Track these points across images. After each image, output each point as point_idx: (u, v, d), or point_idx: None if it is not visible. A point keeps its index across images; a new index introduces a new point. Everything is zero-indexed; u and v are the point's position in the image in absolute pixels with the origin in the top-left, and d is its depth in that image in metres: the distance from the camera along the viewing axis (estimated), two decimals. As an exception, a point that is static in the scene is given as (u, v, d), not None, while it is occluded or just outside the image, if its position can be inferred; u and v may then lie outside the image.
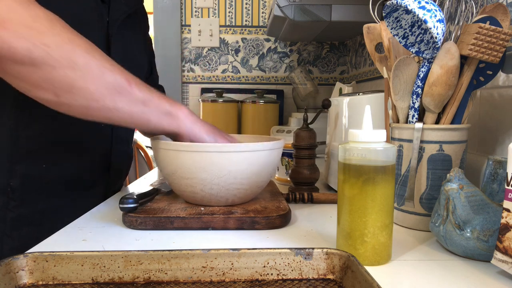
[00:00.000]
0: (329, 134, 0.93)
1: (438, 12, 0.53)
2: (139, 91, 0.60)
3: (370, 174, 0.47)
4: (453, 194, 0.50)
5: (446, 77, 0.57)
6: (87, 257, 0.42)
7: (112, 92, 0.58)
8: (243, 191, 0.64)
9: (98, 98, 0.57)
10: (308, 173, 0.84)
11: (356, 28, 1.27)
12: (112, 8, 0.79)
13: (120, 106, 0.59)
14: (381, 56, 0.70)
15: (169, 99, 0.64)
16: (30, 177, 0.70)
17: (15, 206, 0.69)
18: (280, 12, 1.09)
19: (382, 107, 0.72)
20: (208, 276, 0.43)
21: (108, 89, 0.58)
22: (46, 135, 0.71)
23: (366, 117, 0.49)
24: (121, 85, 0.58)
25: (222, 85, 1.70)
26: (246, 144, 0.63)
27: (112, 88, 0.58)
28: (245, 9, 1.69)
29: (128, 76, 0.60)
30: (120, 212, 0.64)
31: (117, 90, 0.58)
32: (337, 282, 0.42)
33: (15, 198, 0.69)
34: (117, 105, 0.59)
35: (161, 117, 0.62)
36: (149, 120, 0.62)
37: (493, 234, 0.47)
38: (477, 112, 0.73)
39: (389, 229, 0.49)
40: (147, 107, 0.61)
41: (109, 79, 0.58)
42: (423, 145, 0.60)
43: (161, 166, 0.66)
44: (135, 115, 0.61)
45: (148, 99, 0.61)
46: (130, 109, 0.60)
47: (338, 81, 1.41)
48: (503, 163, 0.57)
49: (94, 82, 0.57)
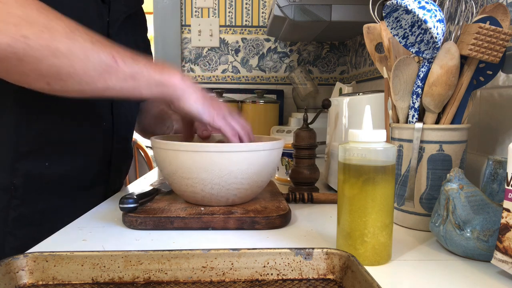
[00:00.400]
0: (329, 134, 0.93)
1: (438, 12, 0.53)
2: (126, 65, 0.59)
3: (370, 174, 0.47)
4: (453, 194, 0.50)
5: (446, 77, 0.57)
6: (87, 257, 0.42)
7: (100, 72, 0.57)
8: (244, 191, 0.64)
9: (88, 81, 0.57)
10: (308, 173, 0.84)
11: (356, 28, 1.27)
12: (112, 9, 0.79)
13: (111, 84, 0.59)
14: (381, 56, 0.70)
15: (158, 66, 0.63)
16: (32, 176, 0.70)
17: (17, 205, 0.69)
18: (280, 12, 1.09)
19: (382, 107, 0.72)
20: (208, 276, 0.43)
21: (95, 70, 0.57)
22: (47, 133, 0.71)
23: (366, 117, 0.49)
24: (108, 63, 0.58)
25: (222, 85, 1.70)
26: (247, 144, 0.63)
27: (100, 69, 0.57)
28: (245, 9, 1.69)
29: (112, 50, 0.59)
30: (120, 212, 0.64)
31: (104, 70, 0.58)
32: (337, 282, 0.42)
33: (17, 197, 0.69)
34: (108, 84, 0.58)
35: (152, 88, 0.61)
36: (141, 93, 0.61)
37: (493, 234, 0.47)
38: (477, 112, 0.73)
39: (389, 229, 0.49)
40: (137, 81, 0.60)
41: (94, 60, 0.57)
42: (423, 145, 0.60)
43: (161, 166, 0.66)
44: (126, 91, 0.60)
45: (137, 72, 0.60)
46: (121, 86, 0.59)
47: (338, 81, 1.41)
48: (503, 163, 0.57)
49: (80, 66, 0.56)
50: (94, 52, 0.57)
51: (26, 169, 0.69)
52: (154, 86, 0.61)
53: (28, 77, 0.56)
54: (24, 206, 0.70)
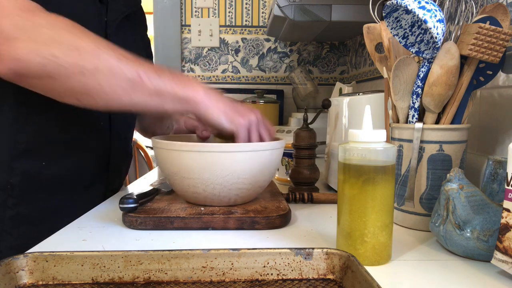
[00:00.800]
0: (329, 134, 0.93)
1: (438, 12, 0.53)
2: (150, 81, 0.61)
3: (370, 174, 0.47)
4: (453, 194, 0.50)
5: (446, 77, 0.57)
6: (87, 257, 0.42)
7: (126, 89, 0.60)
8: (245, 191, 0.64)
9: (114, 97, 0.60)
10: (308, 173, 0.84)
11: (356, 28, 1.27)
12: (110, 9, 0.79)
13: (136, 100, 0.61)
14: (381, 56, 0.70)
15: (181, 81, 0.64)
16: (30, 175, 0.70)
17: (14, 204, 0.69)
18: (280, 12, 1.09)
19: (382, 107, 0.72)
20: (208, 276, 0.43)
21: (121, 87, 0.59)
22: (46, 132, 0.71)
23: (366, 117, 0.49)
24: (132, 79, 0.60)
25: (222, 85, 1.70)
26: (248, 144, 0.63)
27: (125, 85, 0.59)
28: (245, 9, 1.69)
29: (137, 66, 0.61)
30: (120, 212, 0.64)
31: (129, 86, 0.60)
32: (337, 282, 0.42)
33: (14, 196, 0.69)
34: (133, 100, 0.61)
35: (175, 104, 0.63)
36: (165, 109, 0.63)
37: (493, 234, 0.47)
38: (477, 112, 0.73)
39: (389, 229, 0.49)
40: (161, 97, 0.62)
41: (119, 76, 0.59)
42: (423, 145, 0.60)
43: (162, 166, 0.66)
44: (151, 106, 0.62)
45: (161, 88, 0.61)
46: (146, 101, 0.61)
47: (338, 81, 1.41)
48: (503, 163, 0.57)
49: (106, 83, 0.59)
50: (119, 69, 0.59)
51: (23, 168, 0.70)
52: (178, 102, 0.63)
53: (60, 93, 0.60)
54: (22, 205, 0.70)
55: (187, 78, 0.66)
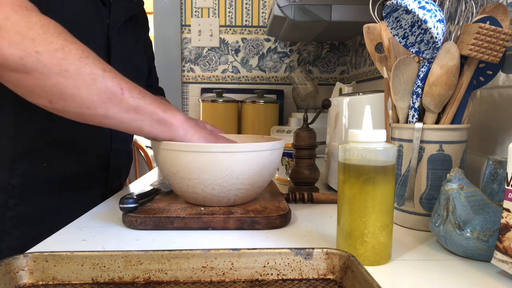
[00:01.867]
0: (329, 134, 0.93)
1: (438, 12, 0.53)
2: (132, 97, 0.59)
3: (370, 174, 0.47)
4: (453, 194, 0.50)
5: (446, 77, 0.57)
6: (87, 257, 0.42)
7: (104, 99, 0.57)
8: (245, 191, 0.64)
9: (89, 105, 0.57)
10: (308, 173, 0.84)
11: (356, 28, 1.27)
12: (112, 11, 0.79)
13: (112, 113, 0.58)
14: (381, 56, 0.70)
15: (163, 104, 0.63)
16: (31, 176, 0.70)
17: (14, 204, 0.69)
18: (280, 12, 1.09)
19: (382, 107, 0.72)
20: (208, 276, 0.43)
21: (99, 96, 0.57)
22: (46, 133, 0.71)
23: (366, 117, 0.49)
24: (113, 92, 0.58)
25: (222, 85, 1.70)
26: (248, 144, 0.63)
27: (103, 96, 0.57)
28: (245, 9, 1.69)
29: (121, 81, 0.59)
30: (120, 212, 0.64)
31: (108, 98, 0.58)
32: (337, 282, 0.42)
33: (15, 196, 0.69)
34: (109, 112, 0.58)
35: (153, 125, 0.61)
36: (141, 128, 0.61)
37: (493, 234, 0.47)
38: (477, 112, 0.73)
39: (389, 229, 0.49)
40: (139, 115, 0.60)
41: (100, 86, 0.57)
42: (423, 145, 0.60)
43: (161, 167, 0.66)
44: (126, 123, 0.60)
45: (141, 106, 0.60)
46: (122, 117, 0.59)
47: (338, 81, 1.41)
48: (503, 163, 0.57)
49: (85, 89, 0.56)
50: (102, 78, 0.57)
51: (24, 169, 0.70)
52: (156, 123, 0.61)
53: (33, 92, 0.57)
54: (22, 205, 0.70)
55: (169, 104, 0.64)
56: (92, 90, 0.57)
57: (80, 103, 0.57)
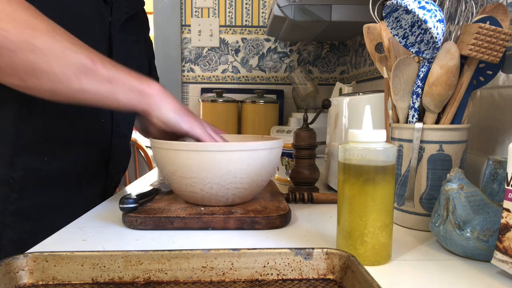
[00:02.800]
0: (329, 134, 0.93)
1: (438, 12, 0.53)
2: (105, 69, 0.58)
3: (370, 174, 0.47)
4: (453, 194, 0.50)
5: (446, 77, 0.57)
6: (87, 257, 0.42)
7: (77, 73, 0.57)
8: (243, 190, 0.64)
9: (63, 80, 0.56)
10: (308, 173, 0.84)
11: (356, 28, 1.27)
12: (114, 9, 0.80)
13: (87, 86, 0.58)
14: (381, 56, 0.70)
15: (138, 76, 0.62)
16: (31, 170, 0.71)
17: (16, 198, 0.70)
18: (280, 12, 1.09)
19: (382, 107, 0.72)
20: (208, 276, 0.43)
21: (72, 70, 0.56)
22: (47, 128, 0.71)
23: (366, 117, 0.49)
24: (85, 65, 0.57)
25: (222, 85, 1.70)
26: (246, 143, 0.63)
27: (76, 69, 0.57)
28: (245, 9, 1.69)
29: (93, 55, 0.58)
30: (120, 212, 0.64)
31: (81, 71, 0.57)
32: (337, 282, 0.42)
33: (16, 190, 0.70)
34: (83, 86, 0.57)
35: (129, 95, 0.60)
36: (117, 99, 0.60)
37: (493, 234, 0.47)
38: (477, 112, 0.73)
39: (389, 229, 0.49)
40: (115, 85, 0.59)
41: (72, 60, 0.56)
42: (423, 145, 0.60)
43: (160, 166, 0.66)
44: (102, 95, 0.59)
45: (115, 77, 0.59)
46: (97, 88, 0.58)
47: (338, 81, 1.41)
48: (503, 163, 0.57)
49: (57, 64, 0.56)
50: (73, 52, 0.57)
51: (25, 163, 0.70)
52: (132, 92, 0.60)
53: (4, 71, 0.56)
54: (23, 200, 0.70)
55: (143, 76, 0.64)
56: (64, 64, 0.56)
57: (53, 79, 0.56)
